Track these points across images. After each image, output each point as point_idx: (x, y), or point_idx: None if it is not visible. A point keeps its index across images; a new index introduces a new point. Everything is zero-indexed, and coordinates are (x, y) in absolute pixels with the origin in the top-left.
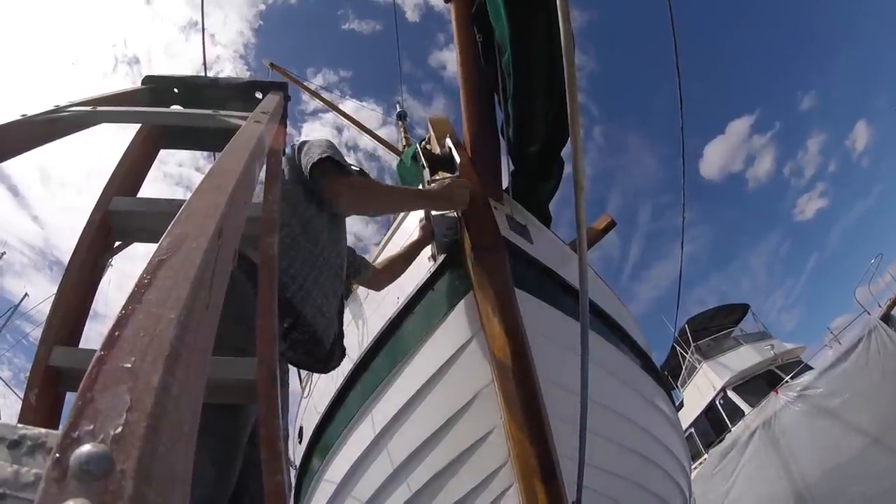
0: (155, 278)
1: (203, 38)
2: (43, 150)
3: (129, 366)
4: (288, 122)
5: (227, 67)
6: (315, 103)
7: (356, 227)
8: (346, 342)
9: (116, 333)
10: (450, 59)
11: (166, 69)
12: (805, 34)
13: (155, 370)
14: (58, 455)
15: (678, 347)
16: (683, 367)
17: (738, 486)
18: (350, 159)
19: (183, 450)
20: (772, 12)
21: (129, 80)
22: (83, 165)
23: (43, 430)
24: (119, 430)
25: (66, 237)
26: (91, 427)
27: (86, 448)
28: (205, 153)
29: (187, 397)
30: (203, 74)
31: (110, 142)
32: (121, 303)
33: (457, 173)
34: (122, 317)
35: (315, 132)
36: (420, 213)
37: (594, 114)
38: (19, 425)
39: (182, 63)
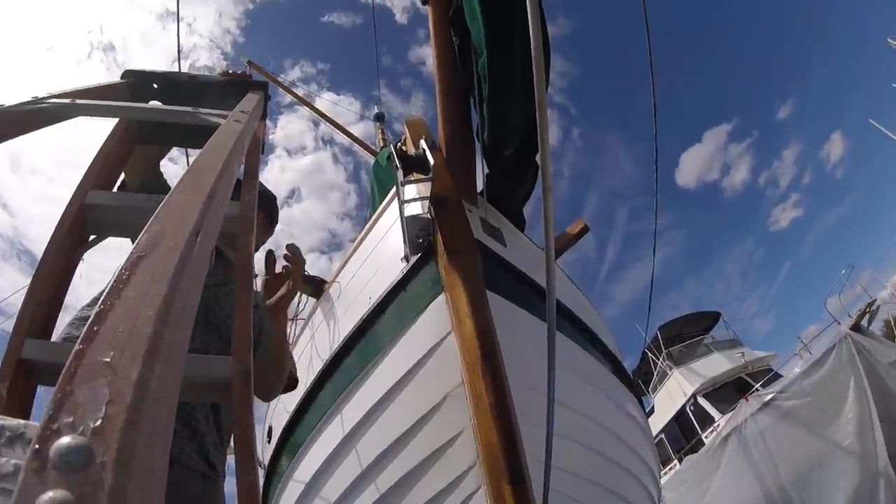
0: (133, 274)
1: (178, 28)
2: None
3: (109, 360)
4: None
5: (203, 57)
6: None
7: (331, 223)
8: (317, 340)
9: (95, 328)
10: (430, 55)
11: (142, 58)
12: (784, 42)
13: (134, 365)
14: (37, 446)
15: (650, 354)
16: (655, 373)
17: (711, 493)
18: (326, 152)
19: (161, 443)
20: (751, 21)
21: (104, 67)
22: (55, 153)
23: (22, 422)
24: (98, 422)
25: (37, 226)
26: (71, 419)
27: (65, 440)
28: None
29: (165, 392)
30: (181, 70)
31: (83, 129)
32: (97, 298)
33: (430, 175)
34: (101, 312)
35: (292, 125)
36: (396, 212)
37: (573, 115)
38: None
39: (158, 52)
